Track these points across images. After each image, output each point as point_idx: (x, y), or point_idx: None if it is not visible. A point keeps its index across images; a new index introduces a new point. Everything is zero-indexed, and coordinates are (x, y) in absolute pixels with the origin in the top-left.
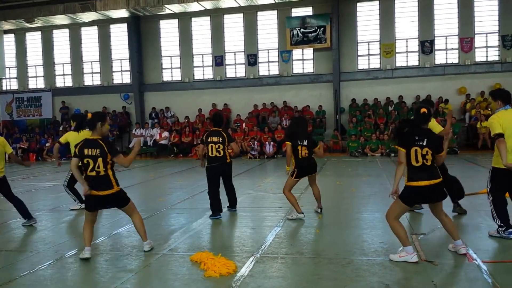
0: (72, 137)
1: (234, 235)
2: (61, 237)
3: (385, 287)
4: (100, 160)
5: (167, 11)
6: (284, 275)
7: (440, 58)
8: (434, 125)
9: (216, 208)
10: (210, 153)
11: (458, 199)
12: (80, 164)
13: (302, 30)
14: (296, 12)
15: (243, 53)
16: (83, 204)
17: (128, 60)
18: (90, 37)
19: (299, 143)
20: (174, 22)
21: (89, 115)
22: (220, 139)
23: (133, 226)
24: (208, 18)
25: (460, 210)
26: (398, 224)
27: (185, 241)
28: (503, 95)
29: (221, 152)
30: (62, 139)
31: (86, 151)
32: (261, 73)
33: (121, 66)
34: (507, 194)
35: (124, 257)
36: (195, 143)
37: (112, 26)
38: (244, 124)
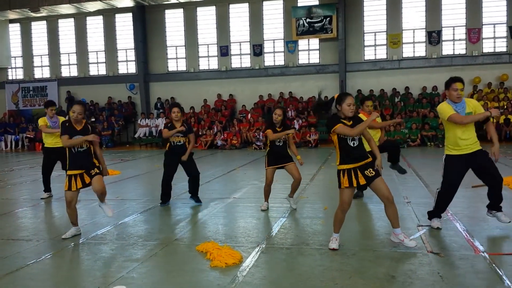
0: None
1: (239, 226)
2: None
3: (391, 278)
4: None
5: (172, 1)
6: (289, 266)
7: (447, 49)
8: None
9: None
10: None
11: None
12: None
13: (308, 20)
14: (302, 1)
15: (249, 43)
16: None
17: (133, 50)
18: (95, 26)
19: None
20: (179, 12)
21: None
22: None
23: (139, 215)
24: (213, 7)
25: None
26: None
27: (190, 231)
28: None
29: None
30: None
31: None
32: (266, 64)
33: (126, 56)
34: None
35: (130, 246)
36: (200, 133)
37: (117, 15)
38: (249, 115)
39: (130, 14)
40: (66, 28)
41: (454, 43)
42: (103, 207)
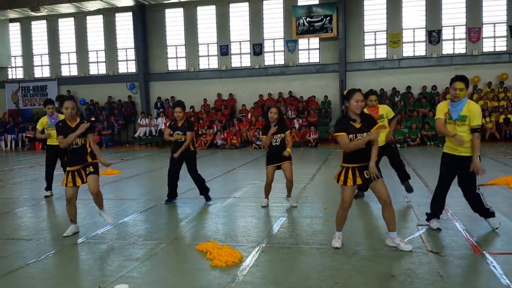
0: None
1: (239, 225)
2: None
3: (391, 278)
4: None
5: (172, 0)
6: (289, 265)
7: (447, 48)
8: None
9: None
10: None
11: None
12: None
13: (308, 19)
14: (302, 1)
15: (249, 42)
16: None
17: (134, 49)
18: (95, 26)
19: None
20: (179, 11)
21: None
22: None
23: (139, 215)
24: (213, 7)
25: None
26: None
27: (190, 231)
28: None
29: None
30: None
31: None
32: (266, 63)
33: (126, 56)
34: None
35: (130, 246)
36: (200, 133)
37: (117, 15)
38: (249, 114)
39: (130, 14)
40: (66, 28)
41: (454, 43)
42: (103, 215)
